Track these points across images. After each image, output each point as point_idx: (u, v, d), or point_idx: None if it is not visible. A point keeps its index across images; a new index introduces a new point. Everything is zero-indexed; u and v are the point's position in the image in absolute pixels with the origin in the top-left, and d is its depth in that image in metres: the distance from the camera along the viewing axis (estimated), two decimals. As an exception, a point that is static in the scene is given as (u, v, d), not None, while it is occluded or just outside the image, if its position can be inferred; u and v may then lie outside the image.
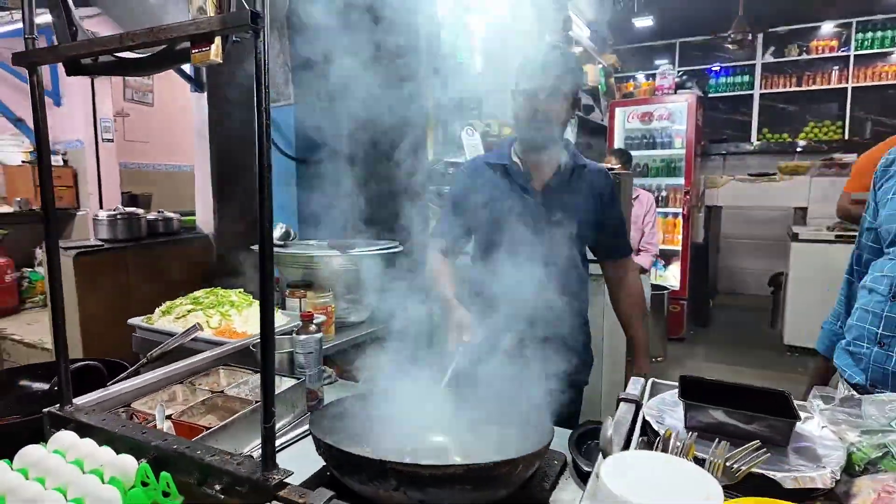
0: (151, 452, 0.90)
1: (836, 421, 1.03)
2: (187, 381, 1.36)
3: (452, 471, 0.82)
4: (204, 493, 0.84)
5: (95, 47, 0.86)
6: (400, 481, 0.83)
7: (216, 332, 1.73)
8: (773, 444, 0.98)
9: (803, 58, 6.37)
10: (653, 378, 1.27)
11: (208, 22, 0.76)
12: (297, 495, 0.79)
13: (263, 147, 0.77)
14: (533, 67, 1.54)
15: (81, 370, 1.33)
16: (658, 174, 5.63)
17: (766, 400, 1.07)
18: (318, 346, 1.42)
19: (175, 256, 4.64)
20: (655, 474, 0.51)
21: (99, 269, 4.02)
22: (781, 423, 0.98)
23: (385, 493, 0.85)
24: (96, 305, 3.92)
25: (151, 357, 1.39)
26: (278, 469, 0.82)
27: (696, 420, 1.04)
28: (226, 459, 0.86)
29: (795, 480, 0.86)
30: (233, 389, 1.35)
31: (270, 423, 0.81)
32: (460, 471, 0.82)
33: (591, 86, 5.45)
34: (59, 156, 5.83)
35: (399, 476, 0.82)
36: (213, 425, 1.12)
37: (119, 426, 0.97)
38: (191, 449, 0.89)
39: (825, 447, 0.97)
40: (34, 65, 0.93)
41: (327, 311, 1.97)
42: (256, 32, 0.74)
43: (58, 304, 1.05)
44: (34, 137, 0.99)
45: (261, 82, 0.75)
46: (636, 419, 1.08)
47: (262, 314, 0.80)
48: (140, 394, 1.25)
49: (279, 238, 2.34)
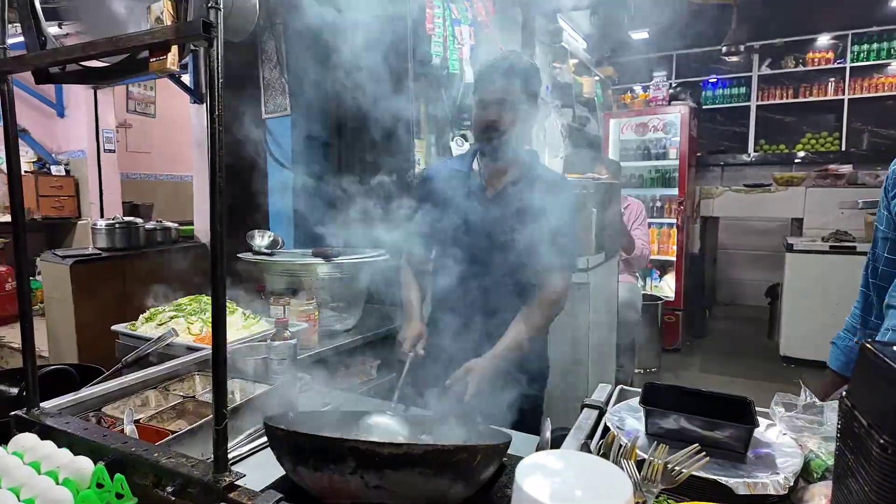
0: (110, 455, 0.91)
1: (796, 428, 1.03)
2: (162, 386, 1.37)
3: (412, 450, 0.81)
4: (157, 496, 0.85)
5: (60, 56, 0.89)
6: (358, 463, 0.80)
7: (197, 338, 1.75)
8: (732, 451, 0.98)
9: (800, 69, 6.39)
10: (621, 385, 1.27)
11: (163, 31, 0.78)
12: (246, 497, 0.79)
13: (216, 156, 0.79)
14: (482, 75, 1.57)
15: (56, 375, 1.34)
16: (653, 185, 5.65)
17: (731, 407, 1.07)
18: (292, 353, 1.43)
19: (172, 265, 4.66)
20: (568, 473, 0.52)
21: (95, 277, 4.05)
22: (740, 429, 0.98)
23: (340, 479, 0.82)
24: (92, 313, 3.94)
25: (127, 362, 1.40)
26: (230, 472, 0.83)
27: (657, 426, 1.04)
28: (180, 462, 0.86)
29: (748, 486, 0.86)
30: (206, 395, 1.36)
31: (222, 426, 0.82)
32: (419, 451, 0.80)
33: (587, 97, 5.48)
34: (62, 165, 5.91)
35: (357, 456, 0.80)
36: (180, 430, 1.12)
37: (81, 429, 0.99)
38: (148, 451, 0.90)
39: (784, 454, 0.97)
40: (3, 73, 0.96)
41: (311, 319, 1.98)
42: (209, 42, 0.76)
43: (24, 310, 1.06)
44: (6, 148, 1.01)
45: (214, 90, 0.77)
46: (598, 424, 1.08)
47: (214, 314, 0.81)
48: (112, 398, 1.26)
49: (266, 246, 2.36)
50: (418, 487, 0.82)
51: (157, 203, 6.43)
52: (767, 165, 6.37)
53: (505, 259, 1.57)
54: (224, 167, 0.79)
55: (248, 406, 1.26)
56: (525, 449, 1.10)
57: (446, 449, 0.82)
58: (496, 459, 0.92)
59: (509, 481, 1.05)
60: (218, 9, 0.76)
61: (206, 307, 1.87)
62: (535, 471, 0.51)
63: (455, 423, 1.12)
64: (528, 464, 0.53)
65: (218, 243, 0.79)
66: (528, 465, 0.53)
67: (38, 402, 1.07)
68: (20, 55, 0.93)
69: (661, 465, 0.75)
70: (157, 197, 6.65)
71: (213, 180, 0.78)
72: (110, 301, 4.05)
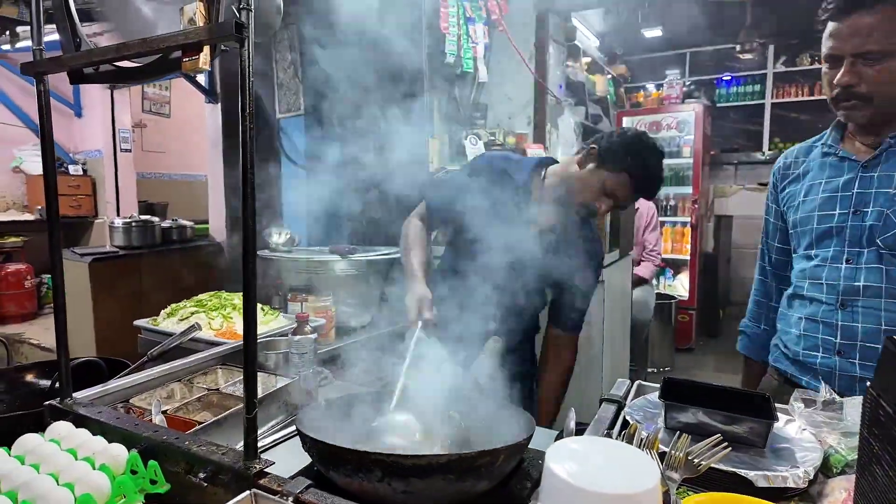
0: (142, 443, 0.94)
1: (815, 423, 1.04)
2: (186, 379, 1.40)
3: (434, 461, 0.83)
4: (189, 482, 0.88)
5: (95, 57, 0.92)
6: (384, 472, 0.84)
7: (218, 333, 1.78)
8: (751, 445, 0.99)
9: (816, 67, 6.32)
10: (639, 381, 1.28)
11: (196, 32, 0.81)
12: (276, 484, 0.82)
13: (248, 152, 0.81)
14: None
15: (84, 367, 1.38)
16: (666, 183, 5.63)
17: (749, 402, 1.08)
18: (312, 347, 1.45)
19: (187, 263, 4.74)
20: (597, 457, 0.53)
21: (113, 274, 4.13)
22: (759, 423, 0.99)
23: (369, 486, 0.86)
24: (110, 309, 4.01)
25: (152, 355, 1.43)
26: (260, 459, 0.85)
27: (676, 420, 1.05)
28: (211, 450, 0.89)
29: (767, 479, 0.87)
30: (229, 388, 1.39)
31: (252, 414, 0.84)
32: (442, 461, 0.83)
33: (600, 96, 5.47)
34: (79, 165, 6.00)
35: (383, 467, 0.84)
36: (206, 420, 1.15)
37: (114, 418, 1.02)
38: (179, 440, 0.93)
39: (803, 449, 0.98)
40: (41, 74, 0.99)
41: (327, 315, 2.01)
42: (241, 42, 0.78)
43: (59, 303, 1.10)
44: (41, 143, 1.04)
45: (245, 89, 0.79)
46: (617, 419, 1.10)
47: (245, 309, 0.83)
48: (139, 390, 1.29)
49: (283, 244, 2.40)
50: (444, 490, 0.86)
51: (172, 202, 6.50)
52: (782, 164, 6.30)
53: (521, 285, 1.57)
54: (253, 164, 0.82)
55: (272, 398, 1.29)
56: (543, 443, 1.11)
57: (469, 456, 0.85)
58: (518, 456, 0.94)
59: (528, 472, 1.07)
60: (249, 9, 0.79)
61: (227, 303, 1.91)
62: (566, 455, 0.53)
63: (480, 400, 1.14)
64: (558, 448, 0.55)
65: (250, 239, 0.81)
66: (558, 449, 0.54)
67: (71, 392, 1.10)
68: (57, 56, 0.96)
69: (683, 456, 0.76)
70: (172, 196, 6.72)
71: (244, 177, 0.80)
72: (127, 298, 4.12)
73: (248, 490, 0.80)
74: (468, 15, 3.10)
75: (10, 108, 5.60)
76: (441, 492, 0.86)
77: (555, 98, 3.72)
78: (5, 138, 5.62)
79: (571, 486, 0.48)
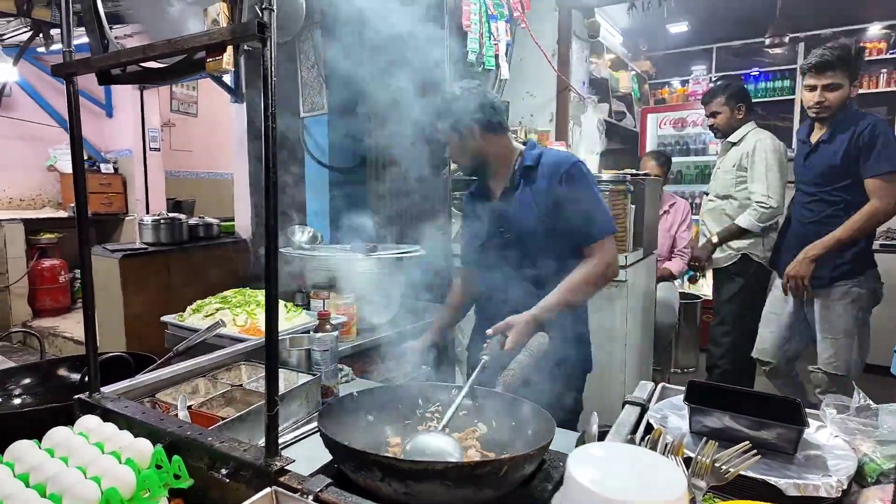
0: (166, 438, 0.95)
1: (849, 430, 1.00)
2: (210, 374, 1.43)
3: (430, 467, 0.84)
4: (212, 477, 0.89)
5: (122, 58, 0.94)
6: (384, 473, 0.85)
7: (242, 329, 1.81)
8: (780, 452, 0.96)
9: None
10: (663, 383, 1.26)
11: (220, 32, 0.81)
12: (297, 481, 0.82)
13: (270, 151, 0.81)
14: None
15: (113, 362, 1.41)
16: (692, 181, 5.52)
17: (778, 407, 1.05)
18: (333, 344, 1.46)
19: (214, 260, 4.83)
20: (621, 465, 0.52)
21: (143, 270, 4.22)
22: (789, 430, 0.96)
23: (373, 483, 0.87)
24: (139, 304, 4.11)
25: (178, 351, 1.46)
26: (280, 456, 0.86)
27: (702, 424, 1.03)
28: (233, 446, 0.90)
29: (798, 488, 0.84)
30: (252, 384, 1.40)
31: (273, 412, 0.85)
32: (438, 467, 0.84)
33: (624, 92, 5.39)
34: (110, 164, 6.16)
35: (381, 468, 0.84)
36: (230, 416, 1.17)
37: (140, 413, 1.04)
38: (202, 436, 0.94)
39: (835, 456, 0.95)
40: (70, 75, 1.02)
41: (349, 313, 2.02)
42: (263, 42, 0.79)
43: (88, 299, 1.12)
44: (70, 142, 1.06)
45: (268, 88, 0.80)
46: (640, 422, 1.07)
47: (267, 306, 0.84)
48: (164, 385, 1.32)
49: (306, 242, 2.42)
50: (444, 496, 0.85)
51: (198, 200, 6.63)
52: (814, 161, 6.12)
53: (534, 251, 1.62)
54: (276, 162, 0.82)
55: (293, 395, 1.30)
56: (563, 445, 1.10)
57: (466, 465, 0.85)
58: (529, 465, 0.92)
59: (549, 473, 1.06)
60: (271, 9, 0.79)
61: (251, 299, 1.93)
62: (588, 461, 0.51)
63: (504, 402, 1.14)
64: (581, 454, 0.53)
65: (272, 236, 0.82)
66: (580, 455, 0.53)
67: (99, 386, 1.13)
68: (85, 58, 0.98)
69: (710, 463, 0.74)
70: (198, 194, 6.86)
71: (267, 175, 0.81)
72: (156, 293, 4.22)
73: (268, 487, 0.81)
74: (490, 12, 3.07)
75: (45, 109, 5.77)
76: (442, 496, 0.86)
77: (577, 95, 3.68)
78: (41, 138, 5.80)
79: (595, 494, 0.47)
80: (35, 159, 5.79)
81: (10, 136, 5.58)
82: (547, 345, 1.39)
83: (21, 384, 1.43)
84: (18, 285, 5.15)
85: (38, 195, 5.93)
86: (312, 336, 1.47)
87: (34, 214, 5.54)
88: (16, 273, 5.13)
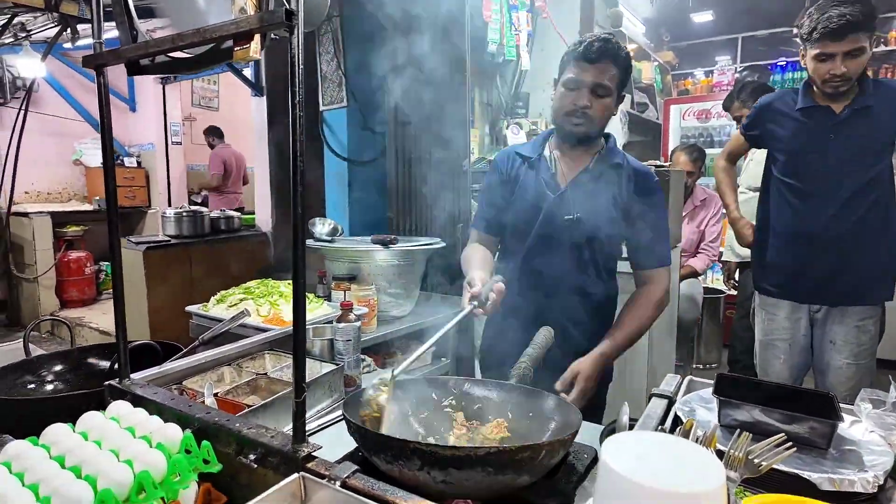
0: (195, 423, 0.97)
1: (885, 426, 0.97)
2: (235, 363, 1.45)
3: (473, 453, 0.83)
4: (240, 463, 0.90)
5: (151, 48, 0.94)
6: (423, 462, 0.84)
7: (265, 319, 1.82)
8: (813, 447, 0.94)
9: (880, 49, 5.93)
10: (690, 376, 1.24)
11: (247, 21, 0.81)
12: (324, 468, 0.83)
13: (297, 140, 0.81)
14: (582, 53, 1.42)
15: (141, 350, 1.43)
16: (716, 174, 5.41)
17: (810, 402, 1.02)
18: (356, 335, 1.47)
19: (235, 252, 4.89)
20: (657, 453, 0.51)
21: (166, 262, 4.30)
22: (822, 424, 0.94)
23: (409, 473, 0.87)
24: (163, 295, 4.19)
25: (203, 340, 1.48)
26: (308, 443, 0.87)
27: (731, 418, 1.01)
28: (261, 433, 0.91)
29: (833, 483, 0.82)
30: (276, 372, 1.42)
31: (301, 399, 0.85)
32: (480, 453, 0.83)
33: (646, 83, 5.30)
34: (134, 158, 6.26)
35: (422, 457, 0.84)
36: (255, 404, 1.18)
37: (169, 399, 1.05)
38: (230, 422, 0.95)
39: (871, 452, 0.92)
40: (101, 66, 1.03)
41: (370, 304, 2.03)
42: (290, 30, 0.79)
43: (118, 290, 1.14)
44: (101, 134, 1.08)
45: (295, 78, 0.80)
46: (667, 415, 1.06)
47: (295, 295, 0.84)
48: (191, 373, 1.34)
49: (327, 234, 2.43)
50: (483, 482, 0.85)
51: (219, 193, 6.71)
52: (842, 153, 5.97)
53: (580, 249, 1.50)
54: (304, 153, 0.82)
55: (317, 384, 1.31)
56: (588, 438, 1.09)
57: (508, 450, 0.83)
58: (562, 451, 0.92)
59: (574, 466, 1.05)
60: (299, -3, 0.79)
61: (273, 290, 1.95)
62: (623, 449, 0.50)
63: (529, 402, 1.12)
64: (615, 442, 0.53)
65: (299, 227, 0.82)
66: (615, 444, 0.52)
67: (129, 373, 1.15)
68: (115, 48, 0.99)
69: (743, 455, 0.73)
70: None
71: (294, 166, 0.81)
72: (179, 285, 4.29)
73: (296, 473, 0.81)
74: (511, 2, 3.05)
75: (70, 104, 5.89)
76: (480, 484, 0.85)
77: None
78: (67, 132, 5.92)
79: (632, 482, 0.46)
80: (61, 154, 5.92)
81: (37, 132, 5.72)
82: (552, 339, 1.33)
83: (53, 371, 1.46)
84: (46, 277, 5.28)
85: (65, 188, 6.06)
86: (335, 326, 1.48)
87: (60, 207, 5.67)
88: (44, 265, 5.26)
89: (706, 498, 0.45)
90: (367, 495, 0.76)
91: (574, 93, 1.44)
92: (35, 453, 0.84)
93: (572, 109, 1.45)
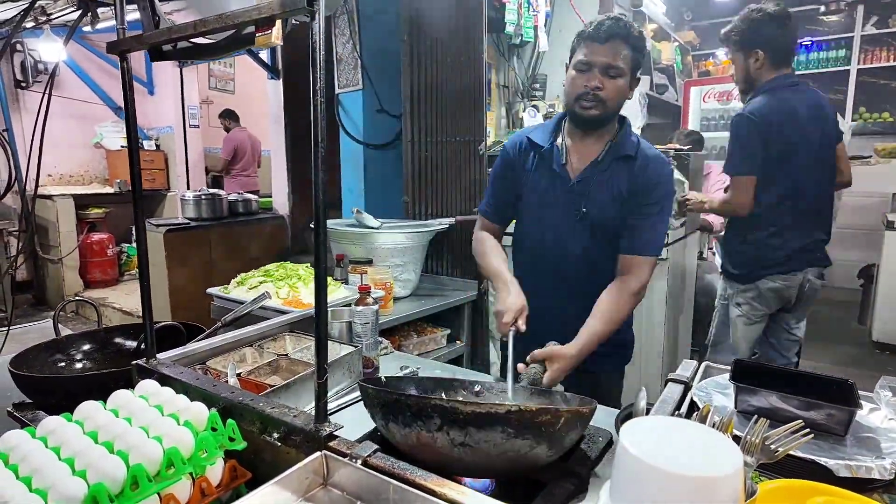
0: (221, 402, 1.00)
1: (905, 413, 0.97)
2: (256, 344, 1.48)
3: (494, 410, 0.82)
4: (264, 441, 0.93)
5: (174, 34, 0.95)
6: (443, 420, 0.83)
7: (285, 302, 1.86)
8: (831, 434, 0.94)
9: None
10: (707, 362, 1.24)
11: (269, 6, 0.82)
12: (346, 446, 0.85)
13: (318, 125, 0.82)
14: (594, 34, 1.39)
15: (165, 330, 1.47)
16: (738, 157, 5.31)
17: (828, 388, 1.02)
18: (374, 318, 1.49)
19: (253, 235, 4.95)
20: (674, 437, 0.51)
21: (185, 244, 4.37)
22: (840, 411, 0.94)
23: (428, 435, 0.85)
24: (183, 277, 4.27)
25: (225, 321, 1.52)
26: (329, 422, 0.89)
27: (748, 404, 1.01)
28: (284, 412, 0.94)
29: (850, 469, 0.82)
30: (297, 354, 1.45)
31: (323, 379, 0.88)
32: (502, 410, 0.81)
33: (666, 64, 5.19)
34: (153, 141, 6.32)
35: (442, 414, 0.82)
36: (277, 384, 1.21)
37: (194, 379, 1.09)
38: (254, 401, 0.98)
39: (889, 439, 0.92)
40: (124, 52, 1.04)
41: (386, 287, 2.05)
42: (312, 15, 0.79)
43: (144, 272, 1.17)
44: (125, 118, 1.10)
45: (316, 62, 0.80)
46: (683, 400, 1.07)
47: (317, 280, 0.86)
48: (214, 353, 1.37)
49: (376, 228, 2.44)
50: (501, 446, 0.83)
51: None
52: (867, 135, 5.81)
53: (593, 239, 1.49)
54: (325, 137, 0.83)
55: (336, 365, 1.34)
56: (604, 422, 1.10)
57: (529, 410, 0.82)
58: (580, 425, 0.92)
59: (589, 449, 1.06)
60: (320, -18, 0.79)
61: (292, 273, 1.98)
62: (641, 433, 0.51)
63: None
64: (633, 426, 0.54)
65: (321, 210, 0.83)
66: (632, 427, 0.53)
67: (155, 353, 1.18)
68: (138, 34, 1.01)
69: (760, 441, 0.73)
70: (236, 170, 6.98)
71: (315, 150, 0.82)
72: (198, 267, 4.37)
73: (318, 451, 0.84)
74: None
75: (91, 87, 5.95)
76: (499, 448, 0.83)
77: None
78: (88, 116, 5.99)
79: (649, 466, 0.47)
80: (82, 137, 6.00)
81: (58, 115, 5.79)
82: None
83: (81, 350, 1.51)
84: (70, 258, 5.40)
85: (86, 171, 6.16)
86: (354, 309, 1.50)
87: (83, 190, 5.77)
88: (67, 246, 5.38)
89: (723, 482, 0.46)
90: (387, 473, 0.78)
91: (585, 75, 1.40)
92: (70, 429, 0.87)
93: (584, 92, 1.41)
